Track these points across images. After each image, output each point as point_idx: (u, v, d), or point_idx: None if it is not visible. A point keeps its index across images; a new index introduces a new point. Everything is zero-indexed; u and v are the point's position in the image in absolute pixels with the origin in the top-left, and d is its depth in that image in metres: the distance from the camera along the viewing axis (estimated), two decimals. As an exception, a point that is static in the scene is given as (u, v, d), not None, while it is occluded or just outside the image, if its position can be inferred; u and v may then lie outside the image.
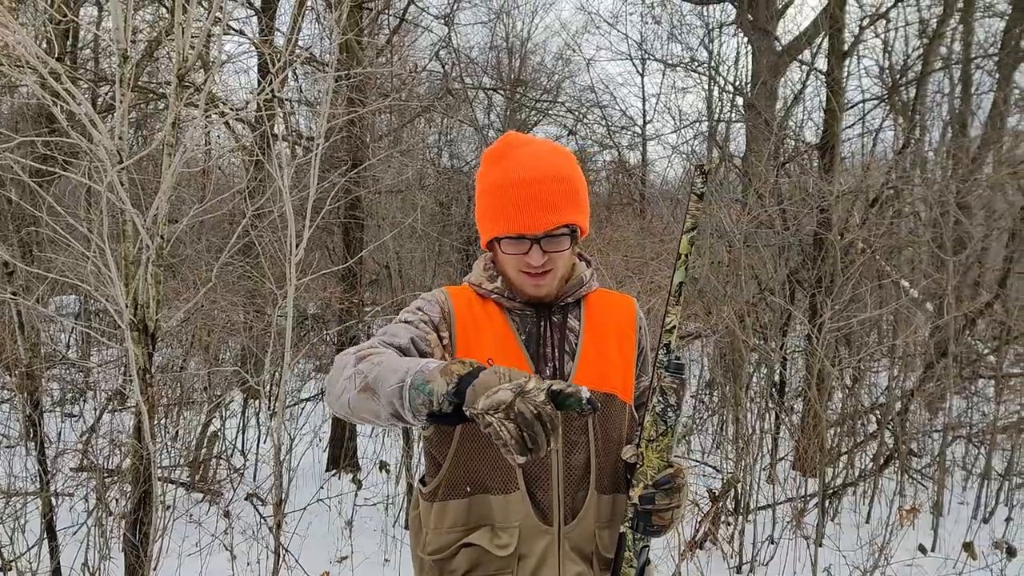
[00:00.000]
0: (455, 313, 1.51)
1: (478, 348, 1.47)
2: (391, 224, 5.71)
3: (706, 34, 10.86)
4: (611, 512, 1.51)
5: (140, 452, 3.15)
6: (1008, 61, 8.55)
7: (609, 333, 1.56)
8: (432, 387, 1.15)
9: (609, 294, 1.64)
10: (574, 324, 1.54)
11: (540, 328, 1.52)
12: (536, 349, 1.50)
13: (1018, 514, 5.26)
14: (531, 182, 1.44)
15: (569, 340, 1.52)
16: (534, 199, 1.43)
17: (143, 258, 3.04)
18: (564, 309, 1.55)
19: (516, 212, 1.44)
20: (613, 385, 1.51)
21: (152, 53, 6.42)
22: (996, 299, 6.16)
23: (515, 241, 1.46)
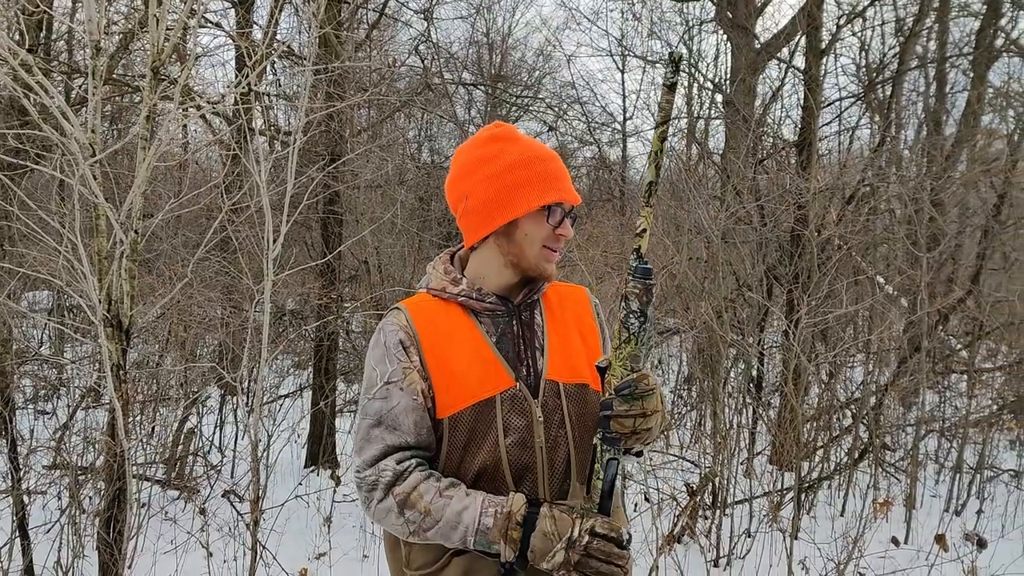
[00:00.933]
0: (419, 333, 1.46)
1: (453, 360, 1.44)
2: (370, 219, 5.68)
3: (686, 31, 10.91)
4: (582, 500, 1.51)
5: (114, 449, 3.11)
6: (982, 60, 8.66)
7: (570, 324, 1.55)
8: (497, 549, 1.34)
9: (560, 286, 1.63)
10: (539, 320, 1.54)
11: (514, 328, 1.50)
12: (512, 350, 1.48)
13: (989, 507, 5.36)
14: (554, 157, 1.50)
15: (536, 336, 1.51)
16: (563, 172, 1.49)
17: (117, 253, 3.00)
18: (531, 307, 1.54)
19: (556, 180, 1.48)
20: (582, 375, 1.49)
21: (127, 46, 6.33)
22: (969, 295, 6.26)
23: (556, 211, 1.49)
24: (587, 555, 1.28)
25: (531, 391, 1.45)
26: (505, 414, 1.42)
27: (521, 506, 1.35)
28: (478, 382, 1.43)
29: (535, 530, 1.32)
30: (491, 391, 1.43)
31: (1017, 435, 6.51)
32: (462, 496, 1.37)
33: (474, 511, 1.35)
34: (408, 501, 1.38)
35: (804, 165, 6.65)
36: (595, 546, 1.28)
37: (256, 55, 3.53)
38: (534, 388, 1.46)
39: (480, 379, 1.44)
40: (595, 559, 1.28)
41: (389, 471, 1.40)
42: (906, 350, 5.76)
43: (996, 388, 6.73)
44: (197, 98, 5.37)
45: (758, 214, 6.17)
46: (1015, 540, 4.75)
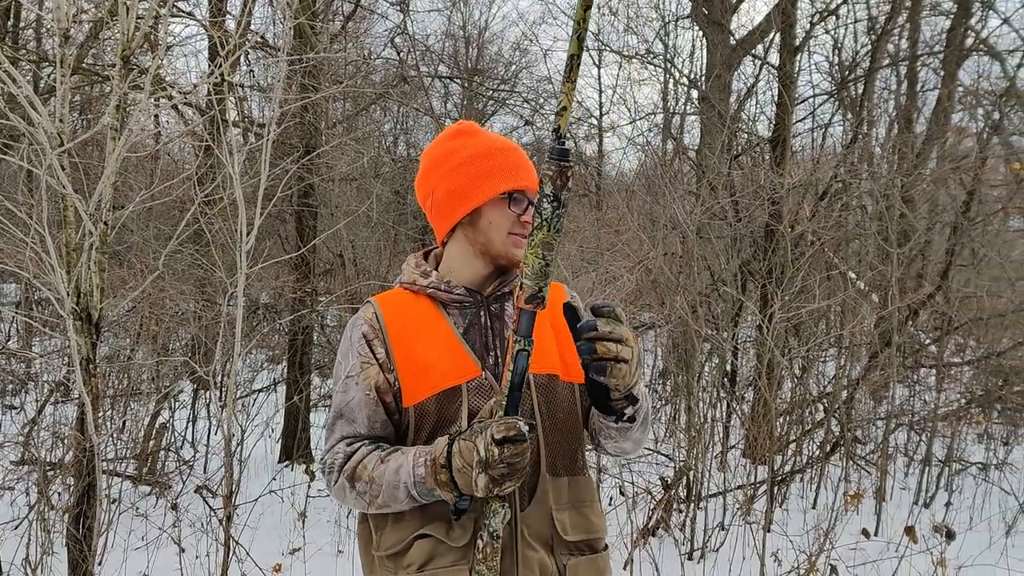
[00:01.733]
0: (386, 326, 1.50)
1: (420, 351, 1.47)
2: (345, 212, 5.64)
3: (662, 27, 10.94)
4: (569, 495, 1.49)
5: (83, 444, 3.06)
6: (952, 59, 8.79)
7: (543, 316, 1.50)
8: (439, 493, 1.36)
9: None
10: (511, 311, 1.54)
11: (481, 319, 1.52)
12: (479, 340, 1.49)
13: (957, 499, 5.46)
14: (516, 148, 1.54)
15: (508, 327, 1.52)
16: (523, 162, 1.52)
17: (86, 245, 2.95)
18: (501, 299, 1.55)
19: (518, 169, 1.51)
20: (551, 365, 1.50)
21: (97, 34, 6.21)
22: (938, 291, 6.36)
23: (516, 200, 1.50)
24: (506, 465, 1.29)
25: (498, 380, 1.46)
26: (472, 403, 1.44)
27: (442, 449, 1.35)
28: (444, 372, 1.46)
29: (453, 470, 1.33)
30: (456, 380, 1.45)
31: (985, 429, 6.64)
32: (398, 456, 1.41)
33: (408, 465, 1.38)
34: (355, 474, 1.43)
35: (778, 161, 6.70)
36: (510, 454, 1.29)
37: (229, 45, 3.48)
38: (499, 378, 1.46)
39: (446, 369, 1.46)
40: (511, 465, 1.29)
41: (340, 453, 1.47)
42: (877, 345, 5.84)
43: (964, 382, 6.85)
44: (169, 88, 5.29)
45: (733, 210, 6.22)
46: (982, 532, 4.84)
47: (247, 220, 3.44)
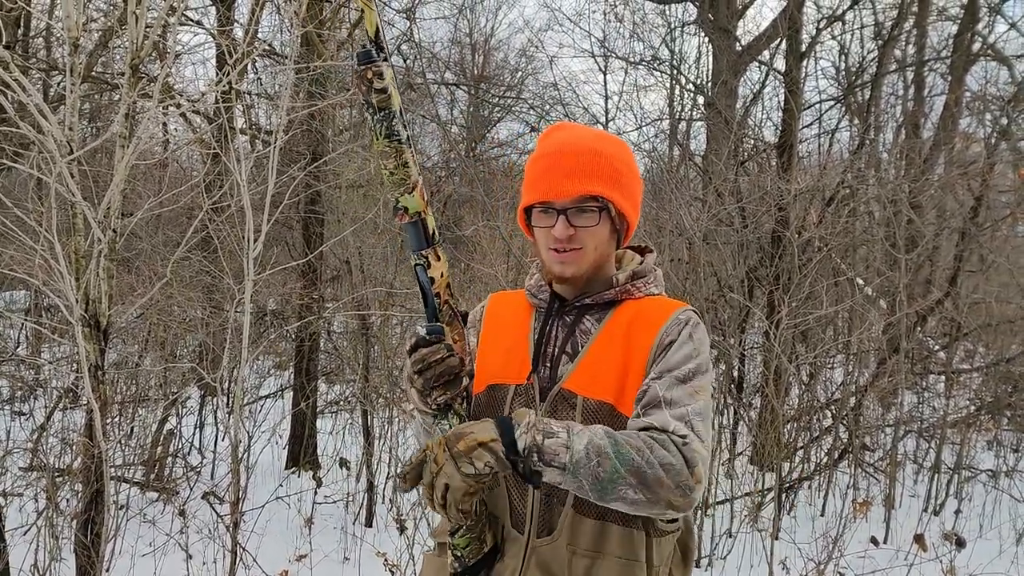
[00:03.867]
0: (484, 318, 1.55)
1: (493, 345, 1.50)
2: (352, 219, 5.65)
3: (668, 33, 10.95)
4: (594, 540, 1.35)
5: (92, 451, 3.07)
6: (959, 64, 8.78)
7: (620, 338, 1.41)
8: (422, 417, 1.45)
9: (659, 301, 1.46)
10: (590, 327, 1.44)
11: (547, 326, 1.46)
12: (542, 347, 1.44)
13: (967, 506, 5.42)
14: (563, 153, 1.41)
15: (577, 342, 1.43)
16: (560, 167, 1.39)
17: (95, 252, 2.97)
18: (581, 310, 1.45)
19: (541, 179, 1.41)
20: (608, 394, 1.37)
21: (106, 43, 6.26)
22: (947, 297, 6.33)
23: (543, 213, 1.41)
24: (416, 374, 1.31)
25: (542, 393, 1.41)
26: (512, 406, 1.42)
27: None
28: (498, 369, 1.46)
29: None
30: (506, 379, 1.44)
31: (995, 435, 6.59)
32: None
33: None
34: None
35: (785, 167, 6.70)
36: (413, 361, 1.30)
37: (237, 54, 3.50)
38: (547, 391, 1.41)
39: (502, 367, 1.46)
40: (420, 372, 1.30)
41: None
42: (885, 351, 5.82)
43: (974, 389, 6.81)
44: (177, 96, 5.32)
45: (739, 216, 6.21)
46: (993, 540, 4.81)
47: (254, 227, 3.45)
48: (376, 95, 1.22)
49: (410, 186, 1.27)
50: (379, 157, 1.26)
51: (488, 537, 1.41)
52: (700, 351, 1.38)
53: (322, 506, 5.05)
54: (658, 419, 1.29)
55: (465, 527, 1.38)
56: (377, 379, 5.70)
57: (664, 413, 1.30)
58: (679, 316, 1.41)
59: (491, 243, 6.53)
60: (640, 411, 1.33)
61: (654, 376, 1.35)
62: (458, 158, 10.71)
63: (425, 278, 1.31)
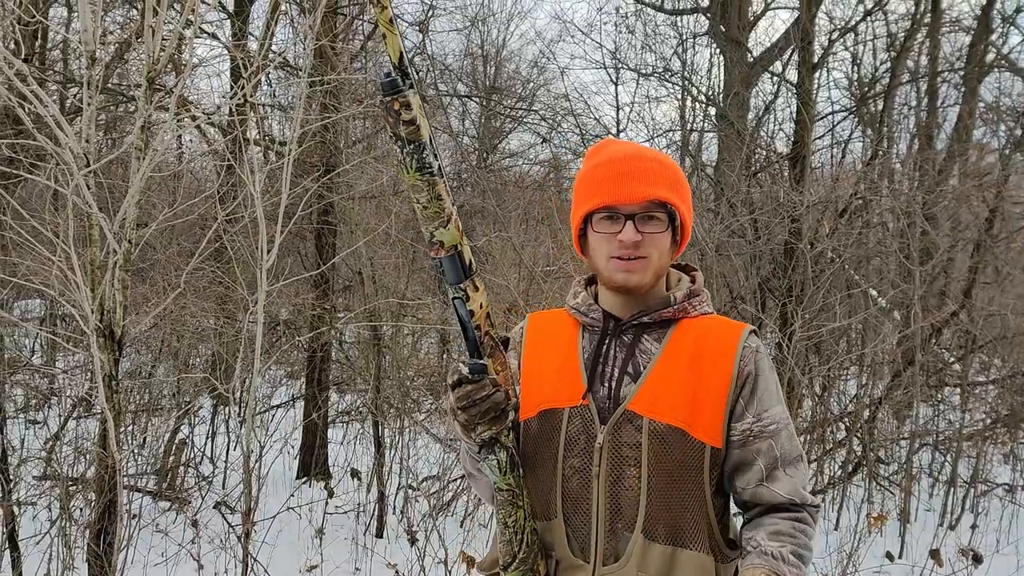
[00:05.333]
0: (525, 340, 1.50)
1: (540, 367, 1.45)
2: (364, 230, 5.68)
3: (679, 44, 10.97)
4: (665, 566, 1.31)
5: (105, 460, 3.09)
6: (973, 75, 8.74)
7: (687, 358, 1.36)
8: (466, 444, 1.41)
9: (718, 321, 1.43)
10: (650, 346, 1.39)
11: (603, 346, 1.40)
12: (598, 367, 1.39)
13: (983, 521, 5.36)
14: (627, 158, 1.37)
15: (638, 362, 1.38)
16: (627, 172, 1.35)
17: (110, 263, 2.99)
18: (639, 328, 1.40)
19: (609, 184, 1.35)
20: (678, 417, 1.33)
21: (123, 55, 6.33)
22: (962, 308, 6.28)
23: (608, 219, 1.36)
24: (460, 410, 1.28)
25: (601, 415, 1.36)
26: (571, 432, 1.37)
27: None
28: (550, 393, 1.41)
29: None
30: (559, 403, 1.39)
31: (1011, 449, 6.52)
32: None
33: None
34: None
35: (797, 178, 6.67)
36: (456, 398, 1.28)
37: (252, 66, 3.53)
38: (607, 413, 1.36)
39: (553, 390, 1.40)
40: (464, 409, 1.28)
41: None
42: (899, 363, 5.77)
43: (989, 402, 6.74)
44: (192, 108, 5.37)
45: (752, 227, 6.19)
46: (1010, 555, 4.74)
47: (268, 238, 3.47)
48: (405, 127, 1.15)
49: (444, 219, 1.21)
50: (411, 191, 1.20)
51: (540, 567, 1.38)
52: (776, 380, 1.42)
53: (333, 516, 5.05)
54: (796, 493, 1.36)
55: (518, 559, 1.36)
56: (388, 389, 5.71)
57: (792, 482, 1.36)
58: (749, 343, 1.39)
59: (503, 254, 6.53)
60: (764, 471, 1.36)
61: (753, 419, 1.36)
62: (469, 169, 10.75)
63: (464, 311, 1.26)
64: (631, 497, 1.32)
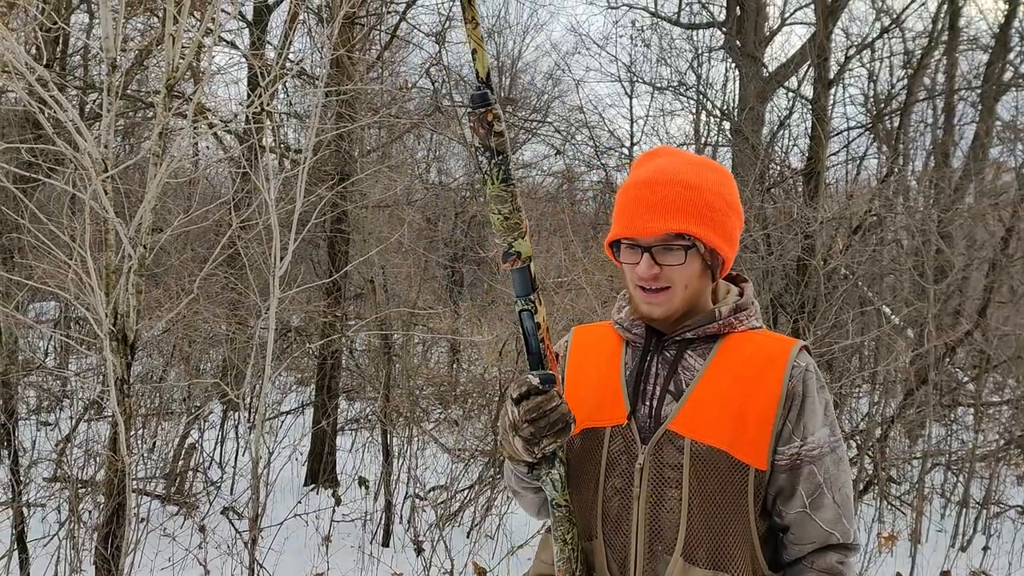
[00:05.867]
0: (569, 354, 1.49)
1: (583, 382, 1.43)
2: (377, 239, 5.71)
3: (694, 58, 10.99)
4: None
5: (115, 464, 3.10)
6: (990, 93, 8.70)
7: (734, 378, 1.32)
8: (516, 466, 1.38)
9: (767, 337, 1.38)
10: (694, 363, 1.35)
11: (645, 363, 1.38)
12: (640, 385, 1.37)
13: (995, 543, 5.29)
14: (652, 184, 1.32)
15: (680, 379, 1.35)
16: (645, 201, 1.31)
17: (125, 267, 3.02)
18: (682, 344, 1.37)
19: (629, 213, 1.32)
20: (721, 438, 1.29)
21: (142, 62, 6.40)
22: (976, 328, 6.22)
23: (629, 248, 1.34)
24: (527, 423, 1.24)
25: (643, 435, 1.34)
26: (612, 451, 1.35)
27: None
28: (592, 410, 1.38)
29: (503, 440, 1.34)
30: (600, 422, 1.37)
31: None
32: None
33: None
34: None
35: (811, 194, 6.66)
36: (525, 410, 1.24)
37: (269, 76, 3.57)
38: (647, 432, 1.34)
39: (595, 408, 1.38)
40: (532, 421, 1.24)
41: None
42: (912, 382, 5.72)
43: (1003, 422, 6.67)
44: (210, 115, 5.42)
45: (765, 242, 6.17)
46: (1022, 578, 4.69)
47: (281, 245, 3.49)
48: (495, 139, 1.19)
49: (523, 231, 1.23)
50: (494, 202, 1.22)
51: None
52: (828, 400, 1.35)
53: (340, 524, 5.05)
54: (838, 527, 1.32)
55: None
56: (398, 398, 5.71)
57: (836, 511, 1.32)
58: (799, 362, 1.33)
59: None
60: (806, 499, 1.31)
61: (800, 442, 1.31)
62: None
63: (531, 324, 1.26)
64: (672, 519, 1.30)
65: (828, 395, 1.35)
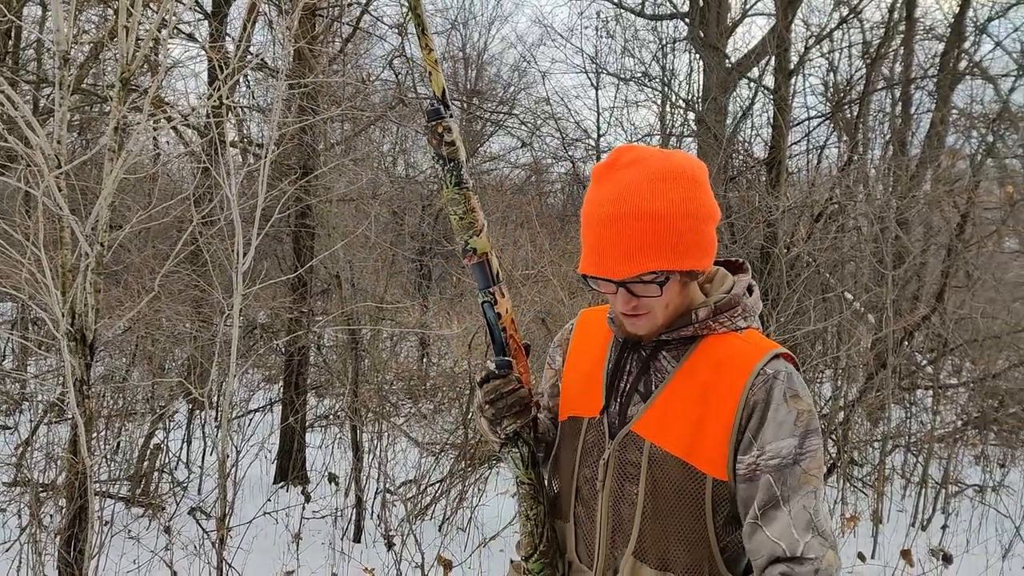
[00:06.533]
0: (573, 337, 1.54)
1: (576, 368, 1.50)
2: (342, 233, 5.66)
3: (659, 49, 11.03)
4: None
5: (76, 466, 3.05)
6: (946, 82, 8.88)
7: (700, 386, 1.31)
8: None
9: (744, 341, 1.34)
10: (667, 365, 1.35)
11: (622, 360, 1.40)
12: (615, 381, 1.40)
13: (954, 521, 5.43)
14: (616, 220, 1.26)
15: (651, 380, 1.36)
16: (611, 241, 1.27)
17: (82, 266, 2.96)
18: (658, 345, 1.36)
19: (595, 252, 1.30)
20: (679, 446, 1.29)
21: (97, 55, 6.26)
22: (933, 312, 6.37)
23: (602, 281, 1.32)
24: (487, 404, 1.38)
25: (611, 431, 1.37)
26: (587, 442, 1.41)
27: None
28: (576, 399, 1.47)
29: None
30: (583, 412, 1.43)
31: (981, 450, 6.62)
32: None
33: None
34: None
35: (773, 183, 6.75)
36: (484, 392, 1.38)
37: (228, 68, 3.51)
38: (616, 429, 1.37)
39: (580, 395, 1.46)
40: (492, 403, 1.38)
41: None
42: (873, 366, 5.84)
43: (960, 404, 6.85)
44: (168, 109, 5.33)
45: (728, 231, 6.25)
46: (979, 555, 4.81)
47: (244, 240, 3.45)
48: (446, 147, 1.34)
49: (477, 229, 1.36)
50: (448, 204, 1.36)
51: (559, 565, 1.46)
52: (801, 410, 1.27)
53: (310, 521, 5.02)
54: (785, 537, 1.23)
55: (539, 551, 1.44)
56: (366, 393, 5.69)
57: (787, 522, 1.23)
58: (766, 370, 1.28)
59: (481, 257, 6.53)
60: (757, 510, 1.26)
61: (758, 452, 1.26)
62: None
63: (492, 314, 1.39)
64: (630, 513, 1.34)
65: (803, 404, 1.28)
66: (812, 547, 1.22)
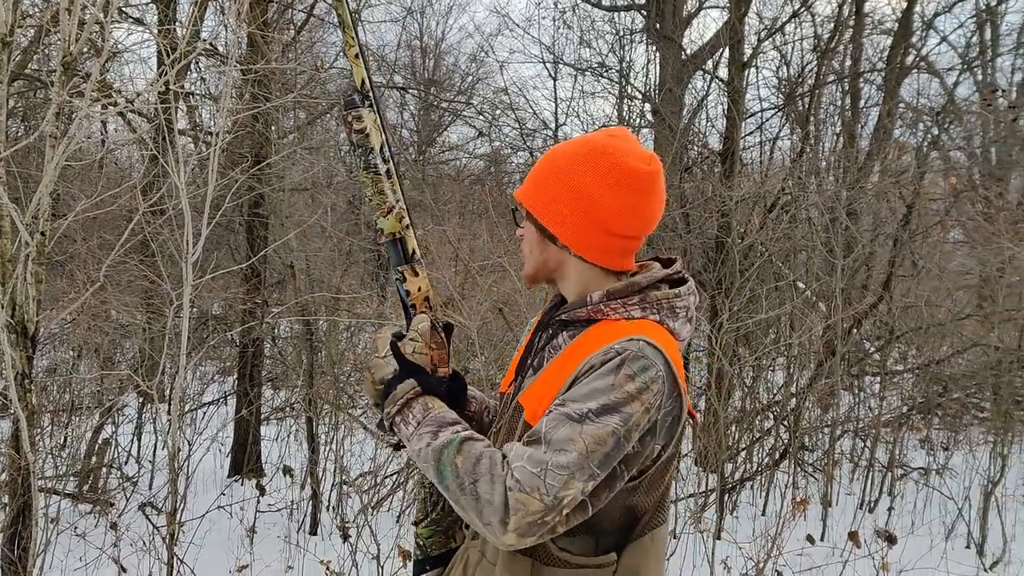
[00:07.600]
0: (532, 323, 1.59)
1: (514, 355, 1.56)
2: (296, 223, 5.58)
3: (616, 41, 11.07)
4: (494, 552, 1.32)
5: (18, 463, 2.96)
6: (893, 76, 9.09)
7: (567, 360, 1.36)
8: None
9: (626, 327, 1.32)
10: (563, 343, 1.39)
11: (535, 339, 1.47)
12: (523, 359, 1.48)
13: (899, 504, 5.60)
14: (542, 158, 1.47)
15: (544, 356, 1.41)
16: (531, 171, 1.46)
17: (22, 256, 2.87)
18: (560, 325, 1.40)
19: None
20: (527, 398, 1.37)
21: (40, 39, 6.06)
22: (881, 300, 6.54)
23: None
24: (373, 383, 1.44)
25: (510, 402, 1.43)
26: (500, 414, 1.49)
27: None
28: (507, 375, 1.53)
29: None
30: (503, 387, 1.53)
31: (926, 435, 6.83)
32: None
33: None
34: None
35: (728, 174, 6.84)
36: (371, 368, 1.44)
37: (176, 53, 3.42)
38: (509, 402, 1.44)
39: (508, 372, 1.54)
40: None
41: None
42: (823, 353, 5.98)
43: (906, 389, 7.04)
44: (114, 95, 5.18)
45: (683, 221, 6.32)
46: (923, 536, 4.97)
47: (194, 230, 3.37)
48: (356, 135, 1.44)
49: (385, 210, 1.44)
50: (360, 186, 1.49)
51: (458, 536, 1.49)
52: (621, 388, 1.22)
53: (265, 515, 4.96)
54: (518, 452, 1.20)
55: (430, 518, 1.49)
56: (322, 385, 5.63)
57: (530, 450, 1.20)
58: (614, 345, 1.26)
59: (439, 248, 6.51)
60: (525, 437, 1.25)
61: (557, 403, 1.25)
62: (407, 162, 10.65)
63: (402, 291, 1.48)
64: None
65: (630, 386, 1.22)
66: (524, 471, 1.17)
